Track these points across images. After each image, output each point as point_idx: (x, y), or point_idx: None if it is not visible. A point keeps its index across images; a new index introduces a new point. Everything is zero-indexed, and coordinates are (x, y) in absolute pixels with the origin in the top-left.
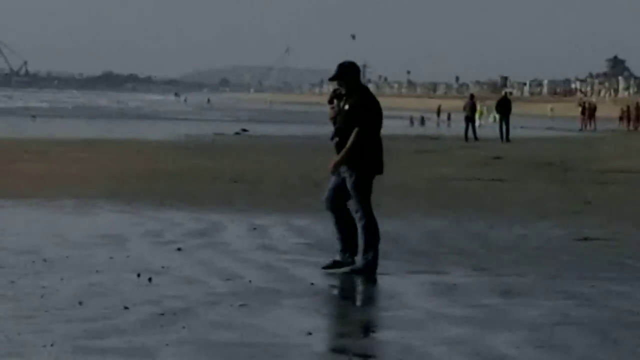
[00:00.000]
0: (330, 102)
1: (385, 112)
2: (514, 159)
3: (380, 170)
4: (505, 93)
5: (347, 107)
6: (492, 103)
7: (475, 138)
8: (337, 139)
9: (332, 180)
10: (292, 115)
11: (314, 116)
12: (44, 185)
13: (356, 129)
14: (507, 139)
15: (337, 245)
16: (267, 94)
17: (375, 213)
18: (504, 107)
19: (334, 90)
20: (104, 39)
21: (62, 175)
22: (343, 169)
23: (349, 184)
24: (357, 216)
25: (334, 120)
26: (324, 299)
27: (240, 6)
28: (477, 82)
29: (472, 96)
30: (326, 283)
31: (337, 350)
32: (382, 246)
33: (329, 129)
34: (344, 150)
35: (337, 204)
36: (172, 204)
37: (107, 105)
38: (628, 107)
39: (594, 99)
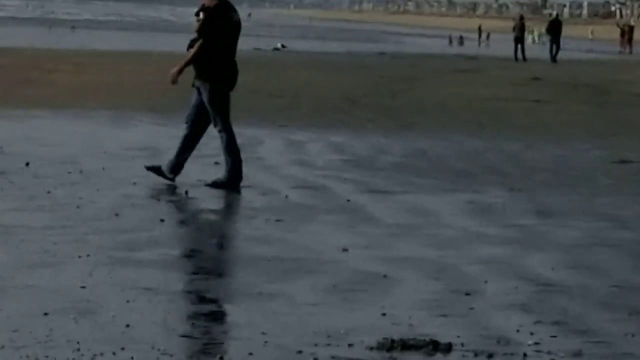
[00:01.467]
0: (197, 14)
1: (424, 31)
2: (553, 80)
3: (232, 85)
4: (557, 15)
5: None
6: (533, 24)
7: (524, 59)
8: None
9: (194, 96)
10: (331, 32)
11: (353, 33)
12: (82, 96)
13: (199, 41)
14: (554, 60)
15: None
16: (307, 10)
17: (412, 133)
18: (554, 29)
19: (203, 4)
20: None
21: (101, 87)
22: (198, 83)
23: (204, 98)
24: (218, 132)
25: None
26: (360, 215)
27: None
28: (517, 3)
29: (521, 17)
30: (363, 200)
31: (372, 266)
32: (420, 164)
33: (368, 46)
34: (183, 60)
35: (196, 121)
36: None
37: (166, 18)
38: None
39: (632, 22)
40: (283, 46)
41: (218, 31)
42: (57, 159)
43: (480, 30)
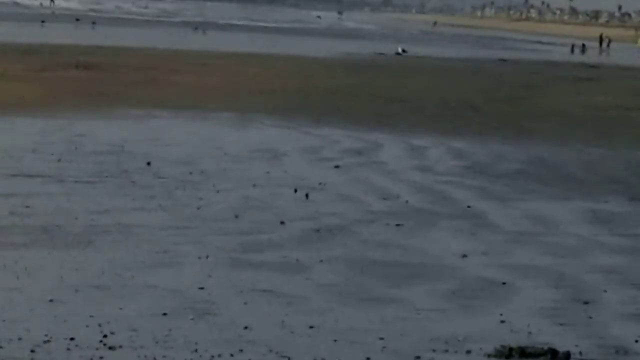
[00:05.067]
0: None
1: (546, 39)
2: None
3: None
4: None
5: None
6: None
7: None
8: None
9: None
10: (452, 38)
11: (474, 39)
12: (204, 97)
13: None
14: None
15: None
16: (428, 16)
17: (532, 140)
18: None
19: None
20: None
21: (222, 89)
22: None
23: None
24: None
25: None
26: (480, 222)
27: None
28: None
29: None
30: (483, 206)
31: (491, 273)
32: (540, 172)
33: (489, 52)
34: None
35: None
36: (331, 121)
37: (290, 20)
38: None
39: None
40: (404, 51)
41: None
42: (178, 160)
43: (601, 38)
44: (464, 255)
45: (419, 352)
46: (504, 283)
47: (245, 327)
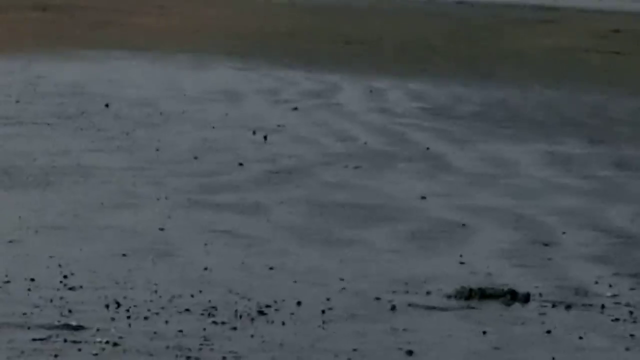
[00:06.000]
0: None
1: None
2: (634, 32)
3: None
4: None
5: None
6: None
7: None
8: None
9: None
10: None
11: None
12: (162, 39)
13: None
14: None
15: None
16: None
17: (491, 82)
18: None
19: None
20: None
21: (181, 30)
22: None
23: None
24: None
25: None
26: (439, 163)
27: None
28: None
29: None
30: (442, 148)
31: (450, 215)
32: (499, 114)
33: None
34: None
35: None
36: (289, 63)
37: None
38: None
39: None
40: None
41: None
42: (136, 101)
43: None
44: (423, 197)
45: (379, 293)
46: (463, 225)
47: (205, 268)
